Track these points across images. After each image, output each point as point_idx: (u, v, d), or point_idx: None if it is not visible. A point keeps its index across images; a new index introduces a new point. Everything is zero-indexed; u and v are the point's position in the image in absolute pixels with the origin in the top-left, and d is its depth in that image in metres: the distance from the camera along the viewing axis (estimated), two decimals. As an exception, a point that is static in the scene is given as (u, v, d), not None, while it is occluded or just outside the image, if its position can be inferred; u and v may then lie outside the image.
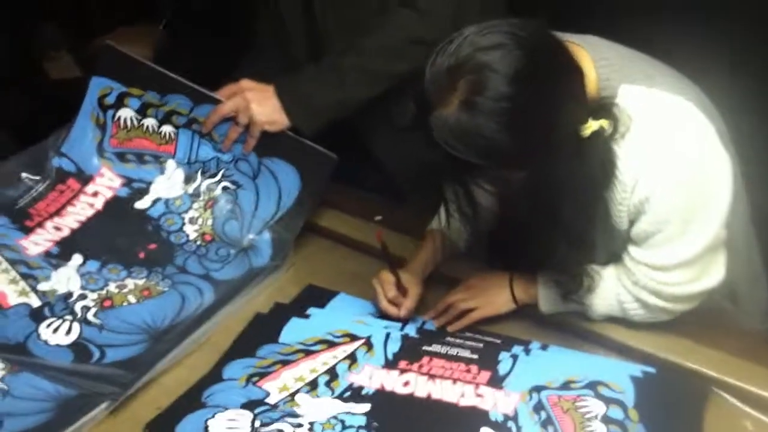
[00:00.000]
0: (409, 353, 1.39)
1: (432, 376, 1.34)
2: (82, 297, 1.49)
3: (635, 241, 1.31)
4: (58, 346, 1.40)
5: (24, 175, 1.71)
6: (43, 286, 1.51)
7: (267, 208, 1.63)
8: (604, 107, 1.23)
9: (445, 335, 1.43)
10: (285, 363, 1.37)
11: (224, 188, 1.66)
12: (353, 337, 1.42)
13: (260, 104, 1.61)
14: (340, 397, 1.31)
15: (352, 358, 1.38)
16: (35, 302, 1.48)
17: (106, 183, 1.70)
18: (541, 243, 1.32)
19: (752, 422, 1.27)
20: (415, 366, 1.36)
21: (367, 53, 1.60)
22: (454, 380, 1.33)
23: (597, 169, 1.23)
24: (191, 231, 1.63)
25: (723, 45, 1.83)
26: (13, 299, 1.48)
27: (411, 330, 1.45)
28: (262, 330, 1.45)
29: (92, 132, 1.73)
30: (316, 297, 1.54)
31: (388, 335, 1.42)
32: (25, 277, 1.52)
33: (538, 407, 1.27)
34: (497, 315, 1.46)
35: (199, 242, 1.61)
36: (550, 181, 1.21)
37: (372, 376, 1.34)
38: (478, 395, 1.30)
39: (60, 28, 3.04)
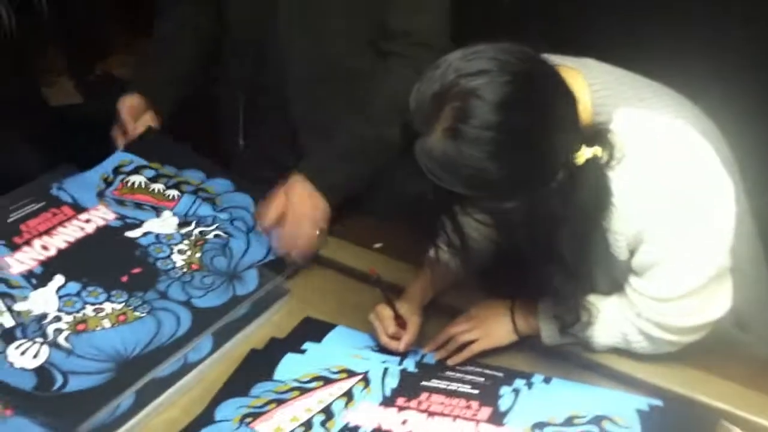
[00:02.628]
0: (408, 389, 1.35)
1: (431, 414, 1.30)
2: (57, 319, 1.46)
3: (636, 272, 1.27)
4: (22, 369, 1.37)
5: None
6: (19, 306, 1.49)
7: (257, 253, 1.64)
8: (598, 134, 1.19)
9: (445, 369, 1.39)
10: (279, 402, 1.33)
11: (216, 235, 1.68)
12: (350, 373, 1.38)
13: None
14: (336, 437, 1.27)
15: (348, 395, 1.34)
16: (9, 322, 1.46)
17: (101, 215, 1.70)
18: (538, 274, 1.28)
19: (761, 454, 1.23)
20: (414, 402, 1.32)
21: (378, 123, 1.61)
22: (454, 417, 1.29)
23: (592, 198, 1.19)
24: (179, 259, 1.61)
25: (724, 57, 1.81)
26: None
27: (410, 364, 1.41)
28: (257, 367, 1.41)
29: (96, 183, 1.77)
30: (313, 330, 1.50)
31: (386, 370, 1.38)
32: (2, 296, 1.51)
33: (541, 445, 1.23)
34: (499, 347, 1.42)
35: (185, 269, 1.59)
36: (543, 211, 1.17)
37: (369, 414, 1.30)
38: (479, 433, 1.26)
39: (60, 52, 3.04)
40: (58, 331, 1.44)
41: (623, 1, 2.11)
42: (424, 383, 1.36)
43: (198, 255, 1.62)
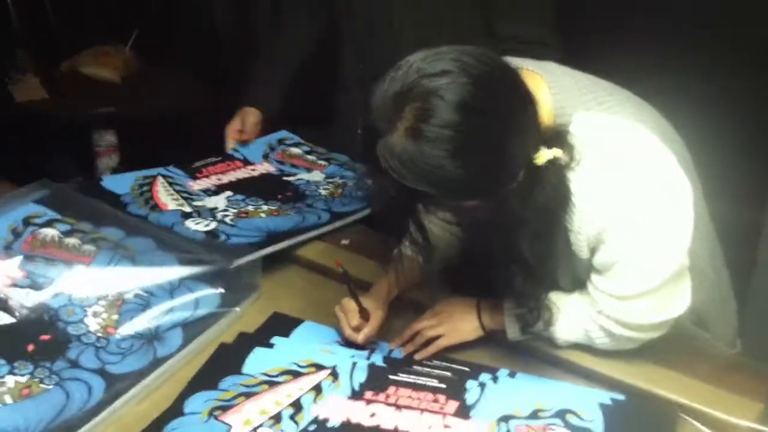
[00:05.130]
0: (376, 383, 1.37)
1: (399, 407, 1.31)
2: (225, 211, 1.80)
3: (598, 270, 1.30)
4: (195, 231, 1.71)
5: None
6: (196, 203, 1.84)
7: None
8: (558, 135, 1.21)
9: (413, 363, 1.42)
10: (248, 395, 1.34)
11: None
12: (319, 367, 1.40)
13: None
14: (305, 431, 1.28)
15: (317, 389, 1.35)
16: (188, 209, 1.80)
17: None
18: (501, 273, 1.31)
19: (715, 445, 1.26)
20: (382, 396, 1.34)
21: None
22: (422, 410, 1.30)
23: (551, 198, 1.21)
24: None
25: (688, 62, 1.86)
26: (172, 207, 1.82)
27: (378, 359, 1.42)
28: (226, 361, 1.42)
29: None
30: (281, 325, 1.51)
31: (354, 365, 1.40)
32: (185, 197, 1.86)
33: (507, 437, 1.25)
34: (464, 342, 1.44)
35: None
36: (504, 211, 1.19)
37: (338, 407, 1.32)
38: (446, 426, 1.28)
39: (26, 51, 3.02)
40: (225, 215, 1.78)
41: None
42: (391, 377, 1.38)
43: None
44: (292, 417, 1.30)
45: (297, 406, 1.32)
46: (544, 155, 1.18)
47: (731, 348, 1.48)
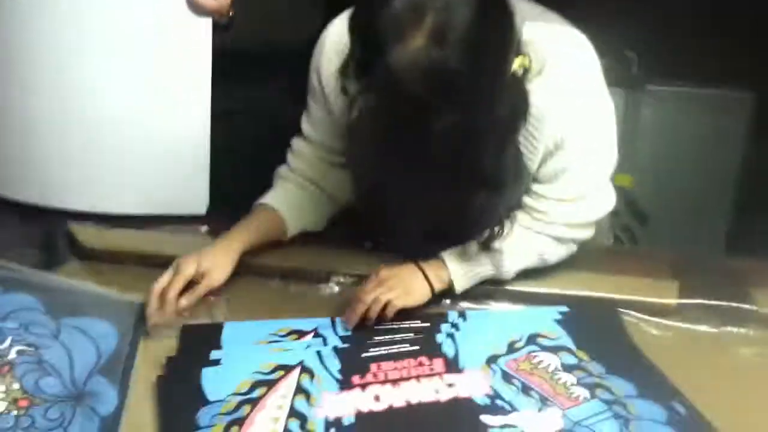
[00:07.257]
0: (353, 366, 1.29)
1: (394, 382, 1.28)
2: None
3: (544, 180, 1.37)
4: None
5: None
6: None
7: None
8: (519, 45, 1.23)
9: (369, 336, 1.36)
10: (239, 421, 1.18)
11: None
12: (286, 368, 1.28)
13: None
14: (326, 437, 1.19)
15: (302, 391, 1.25)
16: None
17: None
18: (462, 199, 1.30)
19: (655, 326, 1.43)
20: (369, 376, 1.28)
21: None
22: (417, 378, 1.28)
23: (514, 108, 1.22)
24: None
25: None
26: None
27: (334, 340, 1.35)
28: (182, 394, 1.23)
29: None
30: (203, 337, 1.34)
31: (319, 353, 1.32)
32: None
33: (507, 377, 1.28)
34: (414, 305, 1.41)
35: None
36: (473, 124, 1.17)
37: (339, 402, 1.23)
38: (449, 385, 1.27)
39: None
40: None
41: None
42: (363, 355, 1.32)
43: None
44: (302, 428, 1.19)
45: (297, 415, 1.21)
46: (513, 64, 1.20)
47: (607, 240, 1.66)
